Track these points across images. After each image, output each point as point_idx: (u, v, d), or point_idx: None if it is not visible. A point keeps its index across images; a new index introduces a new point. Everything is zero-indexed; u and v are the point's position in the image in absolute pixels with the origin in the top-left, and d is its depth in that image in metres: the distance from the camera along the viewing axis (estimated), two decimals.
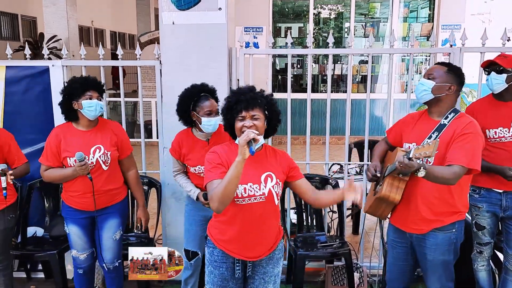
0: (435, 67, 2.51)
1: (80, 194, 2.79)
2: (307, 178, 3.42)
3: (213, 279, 2.19)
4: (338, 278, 3.37)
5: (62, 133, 2.79)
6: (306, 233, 3.49)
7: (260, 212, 2.10)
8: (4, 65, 3.47)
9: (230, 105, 2.09)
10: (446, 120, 2.45)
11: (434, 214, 2.44)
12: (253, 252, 2.15)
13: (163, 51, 3.39)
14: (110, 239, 2.89)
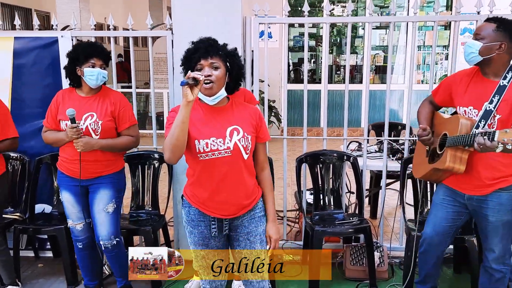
0: (483, 25, 2.32)
1: (70, 160, 2.69)
2: (324, 155, 3.36)
3: (193, 238, 2.09)
4: (357, 258, 3.20)
5: (62, 97, 2.73)
6: (323, 211, 3.33)
7: (227, 168, 1.98)
8: (12, 36, 3.38)
9: (188, 54, 1.97)
10: (505, 80, 2.26)
11: (496, 178, 2.31)
12: (227, 209, 2.04)
13: (175, 22, 3.28)
14: (102, 211, 2.74)
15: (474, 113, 2.31)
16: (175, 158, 1.90)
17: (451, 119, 2.42)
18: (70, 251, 3.15)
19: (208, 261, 2.11)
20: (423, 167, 2.57)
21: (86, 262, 2.91)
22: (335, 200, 3.39)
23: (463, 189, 2.41)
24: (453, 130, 2.32)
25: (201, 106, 2.01)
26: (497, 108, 2.24)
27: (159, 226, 3.27)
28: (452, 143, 2.29)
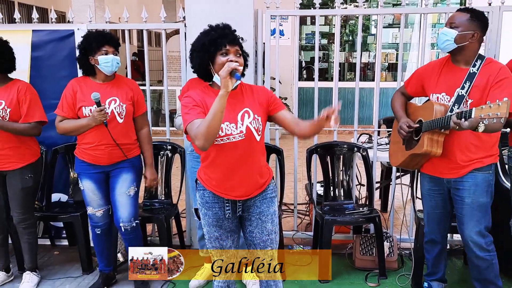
0: (456, 14, 2.41)
1: (93, 146, 2.74)
2: (335, 146, 3.39)
3: (208, 220, 2.13)
4: (366, 247, 3.22)
5: (78, 85, 2.78)
6: (333, 202, 3.36)
7: (241, 151, 2.02)
8: (31, 29, 3.47)
9: (213, 38, 1.99)
10: (474, 68, 2.37)
11: (471, 159, 2.41)
12: (240, 191, 2.08)
13: (188, 14, 3.34)
14: (124, 194, 2.82)
15: (446, 99, 2.41)
16: (209, 145, 1.92)
17: (425, 105, 2.50)
18: (85, 238, 3.24)
19: (221, 242, 2.15)
20: (401, 154, 2.65)
21: (102, 248, 2.97)
22: (345, 191, 3.42)
23: (440, 173, 2.50)
24: (428, 116, 2.40)
25: (214, 92, 2.04)
26: (468, 93, 2.34)
27: (171, 215, 3.34)
28: (428, 127, 2.38)
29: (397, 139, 2.73)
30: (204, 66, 2.02)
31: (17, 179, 2.89)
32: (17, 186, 2.90)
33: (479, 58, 2.40)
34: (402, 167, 2.84)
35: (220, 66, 1.95)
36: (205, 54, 1.99)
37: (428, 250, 2.73)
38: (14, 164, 2.87)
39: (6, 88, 2.84)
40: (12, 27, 3.59)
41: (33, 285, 3.05)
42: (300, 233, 3.67)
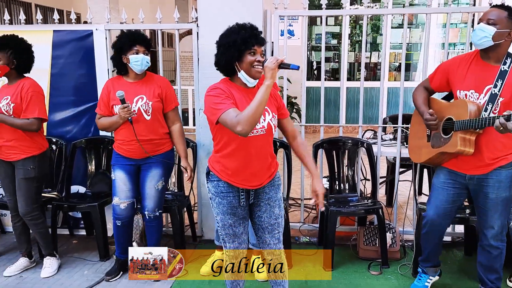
0: (495, 11, 2.39)
1: (125, 142, 2.95)
2: (340, 141, 3.53)
3: (222, 208, 2.26)
4: (370, 238, 3.35)
5: (112, 85, 2.99)
6: (338, 194, 3.50)
7: (261, 144, 2.20)
8: (52, 29, 3.67)
9: (244, 37, 2.12)
10: (505, 66, 2.39)
11: (497, 157, 2.45)
12: (255, 181, 2.24)
13: (200, 14, 3.50)
14: (152, 188, 3.01)
15: (475, 96, 2.43)
16: (251, 130, 2.05)
17: (456, 103, 2.52)
18: (103, 227, 3.42)
19: (234, 229, 2.29)
20: (426, 151, 2.67)
21: (121, 238, 3.14)
22: (350, 184, 3.56)
23: (464, 170, 2.54)
24: (460, 115, 2.42)
25: (238, 88, 2.20)
26: (501, 92, 2.36)
27: (184, 206, 3.51)
28: (462, 126, 2.40)
29: (419, 135, 2.76)
30: (232, 62, 2.16)
31: (19, 169, 3.07)
32: (19, 175, 3.07)
33: (509, 56, 2.41)
34: (425, 164, 2.84)
35: (248, 64, 2.12)
36: (236, 52, 2.13)
37: (426, 239, 2.80)
38: (18, 155, 3.05)
39: (15, 85, 3.03)
40: (34, 27, 3.80)
41: (54, 269, 3.24)
42: (306, 225, 3.81)
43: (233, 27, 2.20)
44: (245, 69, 2.14)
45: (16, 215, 3.22)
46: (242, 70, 2.15)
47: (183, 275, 3.14)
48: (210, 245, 3.48)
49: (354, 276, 3.12)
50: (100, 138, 3.70)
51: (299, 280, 3.04)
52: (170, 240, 3.49)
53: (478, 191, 2.55)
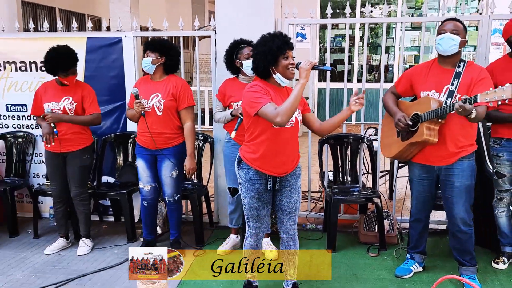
0: (456, 23, 2.81)
1: (142, 133, 3.39)
2: (344, 137, 3.89)
3: (250, 193, 2.62)
4: (369, 225, 3.71)
5: (139, 83, 3.47)
6: (342, 185, 3.87)
7: (288, 136, 2.57)
8: (85, 36, 4.11)
9: (279, 44, 2.48)
10: (459, 68, 2.81)
11: (459, 147, 2.83)
12: (281, 168, 2.61)
13: (218, 23, 3.90)
14: (168, 176, 3.42)
15: (436, 95, 2.83)
16: (287, 121, 2.42)
17: (420, 101, 2.88)
18: (130, 212, 3.85)
19: (258, 211, 2.65)
20: (396, 146, 3.01)
21: (147, 219, 3.57)
22: (352, 176, 3.92)
23: (432, 162, 2.90)
24: (424, 109, 2.79)
25: (272, 87, 2.56)
26: (457, 89, 2.78)
27: (202, 194, 3.93)
28: (427, 117, 2.76)
29: (389, 133, 3.12)
30: (269, 67, 2.52)
31: (77, 159, 3.54)
32: (77, 164, 3.55)
33: (461, 61, 2.86)
34: (395, 158, 3.21)
35: (283, 67, 2.50)
36: (272, 58, 2.49)
37: (413, 227, 3.16)
38: (75, 147, 3.53)
39: (71, 87, 3.54)
40: (70, 34, 4.24)
41: (88, 249, 3.67)
42: (313, 213, 4.19)
43: (266, 37, 2.56)
44: (281, 71, 2.51)
45: (59, 202, 3.68)
46: (278, 73, 2.51)
47: (202, 254, 3.55)
48: (225, 231, 3.87)
49: (354, 257, 3.48)
50: (128, 134, 4.14)
51: (305, 259, 3.42)
52: (190, 225, 3.89)
53: (445, 181, 2.91)
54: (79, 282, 3.18)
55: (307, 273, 3.21)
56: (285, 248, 2.81)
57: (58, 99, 3.49)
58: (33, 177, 4.32)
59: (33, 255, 3.63)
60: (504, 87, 2.45)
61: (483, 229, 3.41)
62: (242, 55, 3.29)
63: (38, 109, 3.55)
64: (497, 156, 3.16)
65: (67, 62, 3.43)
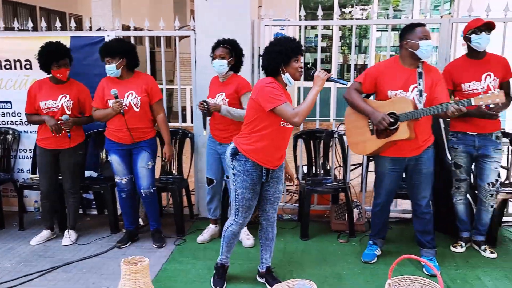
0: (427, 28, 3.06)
1: (117, 129, 3.54)
2: (316, 132, 4.13)
3: (245, 184, 2.81)
4: (340, 214, 3.96)
5: (106, 82, 3.61)
6: (315, 177, 4.11)
7: (287, 134, 2.82)
8: (69, 35, 4.26)
9: (292, 48, 2.69)
10: (419, 68, 3.05)
11: (424, 139, 3.12)
12: (276, 162, 2.84)
13: (197, 24, 4.10)
14: (144, 168, 3.59)
15: (404, 94, 3.05)
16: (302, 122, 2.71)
17: (396, 100, 3.05)
18: (113, 205, 4.01)
19: (250, 202, 2.84)
20: (372, 143, 3.15)
21: (127, 209, 3.75)
22: (325, 169, 4.17)
23: (403, 154, 3.14)
24: (403, 108, 2.99)
25: (281, 86, 2.73)
26: (424, 88, 3.02)
27: (182, 186, 4.12)
28: (410, 116, 2.96)
29: (360, 131, 3.21)
30: (279, 66, 2.71)
31: (71, 156, 3.71)
32: (70, 161, 3.72)
33: (420, 61, 3.06)
34: (370, 155, 3.40)
35: (294, 69, 2.70)
36: (285, 58, 2.68)
37: (379, 216, 3.40)
38: (68, 144, 3.68)
39: (67, 85, 3.71)
40: (54, 34, 4.38)
41: (73, 239, 3.83)
42: (289, 204, 4.42)
43: (280, 39, 2.78)
44: (291, 72, 2.70)
45: (45, 197, 3.83)
46: (287, 73, 2.70)
47: (182, 243, 3.74)
48: (205, 222, 4.06)
49: (326, 244, 3.73)
50: None
51: (280, 246, 3.64)
52: (171, 217, 4.07)
53: (413, 169, 3.18)
54: (65, 269, 3.34)
55: (281, 259, 3.44)
56: (264, 234, 3.03)
57: (54, 97, 3.63)
58: (17, 172, 4.45)
59: (19, 246, 3.77)
60: (496, 92, 2.77)
61: (443, 216, 3.69)
62: (214, 54, 3.49)
63: (32, 107, 3.70)
64: (454, 148, 3.44)
65: (58, 53, 3.57)
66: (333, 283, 3.09)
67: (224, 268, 3.08)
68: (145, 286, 2.51)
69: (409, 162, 3.17)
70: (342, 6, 10.53)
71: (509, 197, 3.74)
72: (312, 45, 10.16)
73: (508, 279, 3.10)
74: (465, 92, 3.30)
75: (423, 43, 2.97)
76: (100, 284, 3.11)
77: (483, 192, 3.39)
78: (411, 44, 3.00)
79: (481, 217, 3.47)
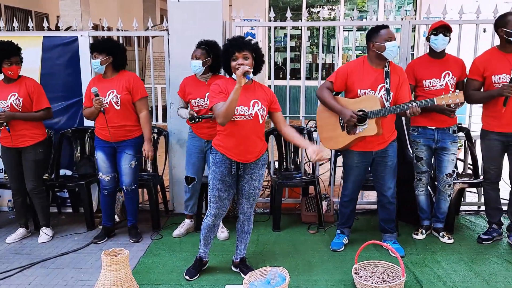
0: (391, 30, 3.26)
1: (101, 127, 3.63)
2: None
3: (215, 175, 2.97)
4: (310, 206, 4.15)
5: (93, 81, 3.70)
6: (285, 172, 4.29)
7: (249, 127, 2.89)
8: (42, 35, 4.29)
9: (225, 48, 2.88)
10: (386, 68, 3.26)
11: (389, 134, 3.34)
12: (244, 157, 2.95)
13: (170, 24, 4.20)
14: (127, 166, 3.69)
15: (372, 93, 3.24)
16: (226, 122, 2.79)
17: (365, 99, 3.24)
18: (89, 202, 4.08)
19: (220, 193, 2.98)
20: (343, 139, 3.32)
21: (107, 207, 3.82)
22: (295, 164, 4.35)
23: (370, 148, 3.34)
24: (372, 106, 3.18)
25: (233, 84, 2.84)
26: (390, 87, 3.23)
27: (158, 183, 4.23)
28: (378, 114, 3.15)
29: (331, 128, 3.38)
30: (226, 67, 2.91)
31: (31, 154, 3.72)
32: (30, 159, 3.72)
33: (387, 62, 3.26)
34: (340, 150, 3.54)
35: (233, 68, 2.82)
36: (224, 60, 2.88)
37: (347, 206, 3.60)
38: (28, 142, 3.70)
39: (17, 83, 3.67)
40: (26, 33, 4.39)
41: (49, 237, 3.88)
42: (261, 198, 4.59)
43: (228, 39, 2.92)
44: (233, 71, 2.84)
45: (16, 194, 3.85)
46: (234, 73, 2.84)
47: (159, 238, 3.85)
48: (180, 217, 4.18)
49: (296, 234, 3.91)
50: (85, 128, 4.36)
51: (253, 238, 3.79)
52: (148, 213, 4.17)
53: (380, 162, 3.39)
54: (43, 265, 3.40)
55: (254, 249, 3.60)
56: (240, 227, 3.17)
57: (4, 97, 3.62)
58: None
59: None
60: (457, 92, 3.04)
61: (406, 206, 3.94)
62: (192, 55, 3.61)
63: None
64: (415, 142, 3.68)
65: (10, 50, 3.57)
66: (303, 270, 3.27)
67: (201, 262, 3.21)
68: (125, 276, 2.62)
69: (375, 155, 3.38)
70: (311, 6, 10.79)
71: (465, 187, 4.03)
72: (281, 45, 10.38)
73: (463, 261, 3.36)
74: (426, 88, 3.54)
75: (389, 44, 3.16)
76: (79, 278, 3.19)
77: (442, 183, 3.65)
78: (378, 46, 3.18)
79: (440, 206, 3.73)
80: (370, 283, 2.86)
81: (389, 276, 2.96)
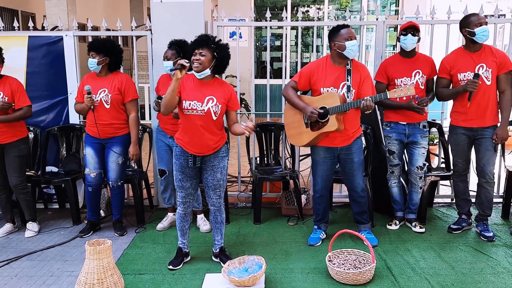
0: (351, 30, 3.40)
1: (91, 124, 3.75)
2: (268, 125, 4.45)
3: (176, 167, 3.16)
4: (290, 200, 4.30)
5: (86, 78, 3.82)
6: (266, 167, 4.44)
7: (201, 123, 3.03)
8: (27, 35, 4.39)
9: (189, 46, 3.06)
10: (348, 66, 3.39)
11: (354, 131, 3.47)
12: (199, 149, 3.09)
13: (153, 24, 4.32)
14: (114, 162, 3.81)
15: (335, 91, 3.37)
16: (167, 112, 3.01)
17: (326, 96, 3.37)
18: (75, 197, 4.19)
19: (182, 183, 3.15)
20: (307, 135, 3.45)
21: (92, 202, 3.93)
22: (276, 159, 4.50)
23: (335, 144, 3.47)
24: (333, 103, 3.31)
25: (194, 79, 3.03)
26: (352, 84, 3.37)
27: (142, 178, 4.35)
28: (336, 110, 3.29)
29: (296, 125, 3.52)
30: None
31: (14, 149, 3.81)
32: (14, 154, 3.81)
33: (349, 60, 3.38)
34: (306, 146, 3.67)
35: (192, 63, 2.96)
36: (190, 55, 3.01)
37: (320, 202, 3.71)
38: (11, 138, 3.78)
39: (0, 83, 3.75)
40: (12, 33, 4.48)
41: (36, 231, 3.98)
42: (243, 193, 4.73)
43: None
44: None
45: (1, 189, 3.94)
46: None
47: (142, 231, 3.98)
48: (164, 212, 4.30)
49: (276, 227, 4.07)
50: (70, 126, 4.47)
51: (234, 230, 3.95)
52: (132, 208, 4.29)
53: (346, 158, 3.52)
54: (30, 258, 3.51)
55: (234, 241, 3.75)
56: (213, 218, 3.32)
57: None
58: None
59: None
60: (408, 86, 3.21)
61: (380, 198, 4.11)
62: (164, 56, 3.77)
63: None
64: (388, 136, 3.85)
65: None
66: (281, 258, 3.42)
67: (182, 252, 3.35)
68: (108, 265, 2.74)
69: (340, 151, 3.50)
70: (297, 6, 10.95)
71: (437, 180, 4.22)
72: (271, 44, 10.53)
73: (432, 249, 3.54)
74: (398, 87, 3.71)
75: (349, 43, 3.29)
76: (64, 269, 3.31)
77: (413, 175, 3.83)
78: (338, 45, 3.32)
79: (412, 197, 3.91)
80: (342, 269, 3.02)
81: (360, 263, 3.13)
